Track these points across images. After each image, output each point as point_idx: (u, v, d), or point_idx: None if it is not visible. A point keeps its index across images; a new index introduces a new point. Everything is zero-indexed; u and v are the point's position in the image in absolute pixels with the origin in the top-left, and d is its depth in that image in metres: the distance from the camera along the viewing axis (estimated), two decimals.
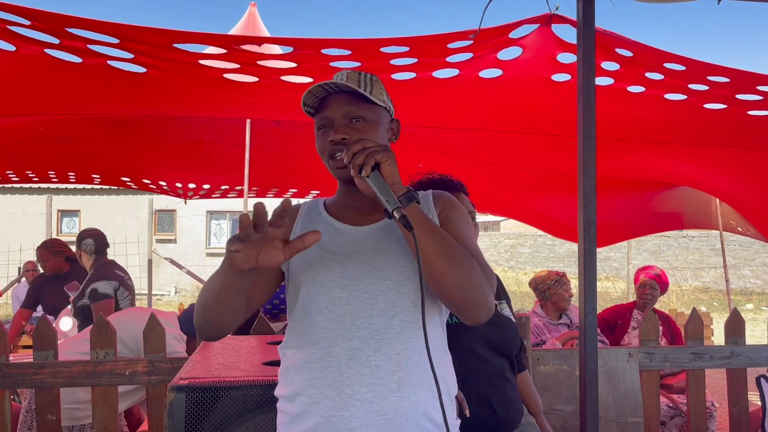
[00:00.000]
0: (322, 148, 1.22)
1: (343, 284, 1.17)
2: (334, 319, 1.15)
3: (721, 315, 10.68)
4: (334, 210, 1.29)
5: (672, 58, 2.23)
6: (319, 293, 1.17)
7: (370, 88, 1.21)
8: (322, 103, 1.22)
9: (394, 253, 1.18)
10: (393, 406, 1.12)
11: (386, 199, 1.05)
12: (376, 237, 1.21)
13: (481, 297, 1.11)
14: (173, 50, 2.25)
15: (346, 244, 1.21)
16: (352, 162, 1.08)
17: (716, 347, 2.83)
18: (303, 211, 1.31)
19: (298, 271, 1.21)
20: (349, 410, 1.11)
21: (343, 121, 1.20)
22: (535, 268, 17.74)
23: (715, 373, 3.76)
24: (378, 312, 1.15)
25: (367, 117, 1.21)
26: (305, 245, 1.03)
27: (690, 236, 17.35)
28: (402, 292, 1.16)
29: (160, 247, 15.60)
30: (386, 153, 1.08)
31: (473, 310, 1.12)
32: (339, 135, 1.18)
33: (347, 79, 1.20)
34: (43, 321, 2.49)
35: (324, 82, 1.18)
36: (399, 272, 1.16)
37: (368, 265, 1.17)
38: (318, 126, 1.24)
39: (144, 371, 2.48)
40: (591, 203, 2.00)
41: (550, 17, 2.13)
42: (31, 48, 2.25)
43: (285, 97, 2.86)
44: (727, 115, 2.72)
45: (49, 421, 2.46)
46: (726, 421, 3.12)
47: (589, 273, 2.02)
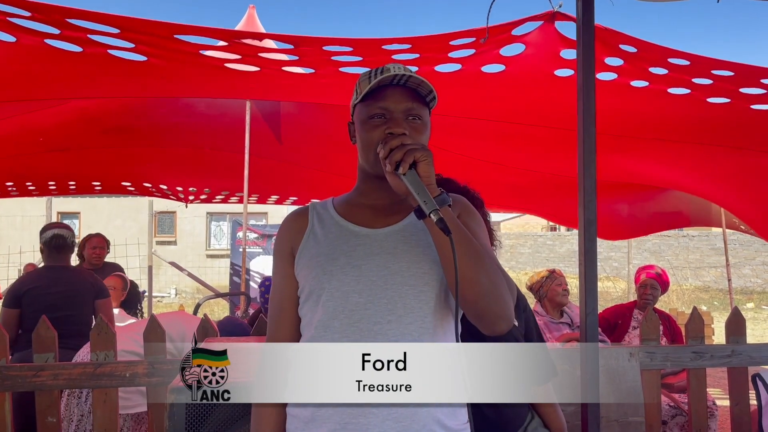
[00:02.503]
0: (374, 140, 1.16)
1: (360, 288, 1.14)
2: (350, 324, 1.13)
3: (722, 314, 10.67)
4: (346, 211, 1.25)
5: (676, 53, 2.23)
6: (335, 298, 1.15)
7: (426, 88, 1.17)
8: (381, 92, 1.17)
9: (413, 258, 1.16)
10: (410, 413, 1.10)
11: (423, 200, 1.03)
12: (393, 240, 1.18)
13: (503, 308, 1.10)
14: (174, 41, 2.25)
15: (361, 247, 1.18)
16: (390, 157, 1.06)
17: (717, 346, 2.83)
18: (313, 218, 1.26)
19: (311, 276, 1.18)
20: (366, 417, 1.09)
21: (402, 116, 1.16)
22: (536, 268, 17.72)
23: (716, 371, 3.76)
24: (396, 318, 1.12)
25: (422, 117, 1.18)
26: None
27: (690, 235, 17.35)
28: (420, 298, 1.14)
29: (161, 249, 15.57)
30: (425, 152, 1.06)
31: (494, 321, 1.11)
32: (401, 129, 1.13)
33: (406, 72, 1.16)
34: (43, 323, 2.48)
35: (393, 71, 1.14)
36: (418, 278, 1.14)
37: (386, 269, 1.15)
38: (370, 115, 1.17)
39: (144, 373, 2.47)
40: (591, 202, 1.99)
41: (554, 14, 2.14)
42: (31, 38, 2.25)
43: (286, 84, 2.86)
44: (731, 109, 2.71)
45: (50, 423, 2.45)
46: (727, 420, 3.11)
47: (590, 272, 2.01)
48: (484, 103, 3.05)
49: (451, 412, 1.15)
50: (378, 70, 1.18)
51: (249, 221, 4.70)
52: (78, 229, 16.53)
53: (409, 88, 1.17)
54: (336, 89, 2.84)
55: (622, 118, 2.98)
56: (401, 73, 1.14)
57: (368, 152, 1.18)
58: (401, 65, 1.18)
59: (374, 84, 1.15)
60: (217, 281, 13.37)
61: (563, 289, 3.69)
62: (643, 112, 2.93)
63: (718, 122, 2.93)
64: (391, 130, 1.14)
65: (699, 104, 2.69)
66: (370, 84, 1.16)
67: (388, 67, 1.18)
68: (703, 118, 2.91)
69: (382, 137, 1.14)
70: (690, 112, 2.82)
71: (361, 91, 1.19)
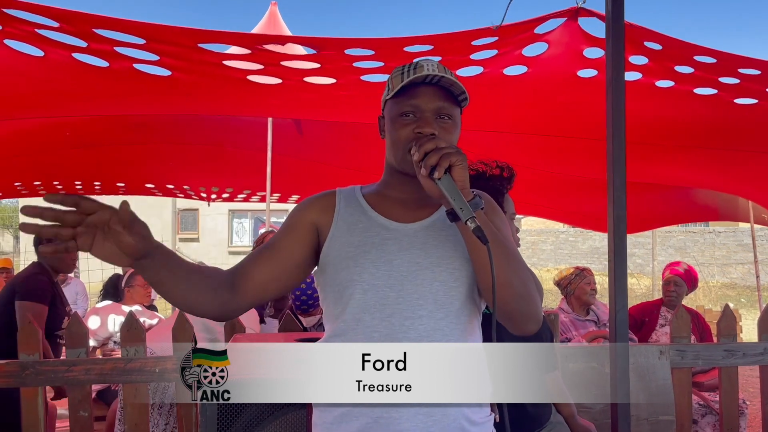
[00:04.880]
0: (403, 137, 1.15)
1: (391, 283, 1.13)
2: (383, 318, 1.12)
3: (749, 311, 10.49)
4: (375, 202, 1.24)
5: (702, 50, 2.19)
6: (366, 291, 1.13)
7: (459, 89, 1.16)
8: (413, 90, 1.15)
9: (445, 253, 1.15)
10: (442, 407, 1.10)
11: (460, 206, 1.02)
12: (425, 235, 1.17)
13: (534, 309, 1.10)
14: (198, 50, 2.27)
15: (392, 242, 1.17)
16: (424, 161, 1.04)
17: (749, 344, 2.78)
18: (341, 202, 1.24)
19: (341, 267, 1.16)
20: (398, 411, 1.09)
21: (432, 115, 1.15)
22: (558, 264, 17.59)
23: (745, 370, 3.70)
24: (427, 313, 1.12)
25: (453, 116, 1.17)
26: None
27: (717, 231, 17.06)
28: (451, 294, 1.14)
29: (184, 246, 15.77)
30: (460, 156, 1.04)
31: (524, 321, 1.11)
32: (430, 129, 1.12)
33: (439, 70, 1.14)
34: (75, 319, 2.52)
35: (426, 70, 1.13)
36: (450, 273, 1.14)
37: (416, 264, 1.14)
38: (400, 112, 1.16)
39: (173, 368, 2.51)
40: (621, 198, 1.97)
41: (577, 11, 2.11)
42: (59, 52, 2.28)
43: (307, 99, 2.87)
44: (758, 111, 2.66)
45: (81, 417, 2.49)
46: (757, 418, 3.06)
47: (620, 270, 1.99)
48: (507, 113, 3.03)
49: (477, 407, 1.17)
50: (411, 67, 1.17)
51: (271, 219, 4.76)
52: None
53: (442, 87, 1.16)
54: (357, 102, 2.84)
55: (647, 124, 2.94)
56: (434, 73, 1.13)
57: (397, 149, 1.17)
58: (434, 62, 1.17)
59: (406, 82, 1.14)
60: None
61: (591, 289, 3.66)
62: (669, 117, 2.89)
63: (746, 125, 2.88)
64: (420, 130, 1.13)
65: (726, 106, 2.64)
66: (402, 81, 1.15)
67: (421, 63, 1.16)
68: (730, 122, 2.85)
69: (411, 136, 1.13)
70: (717, 114, 2.77)
71: (393, 87, 1.18)
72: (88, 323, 3.86)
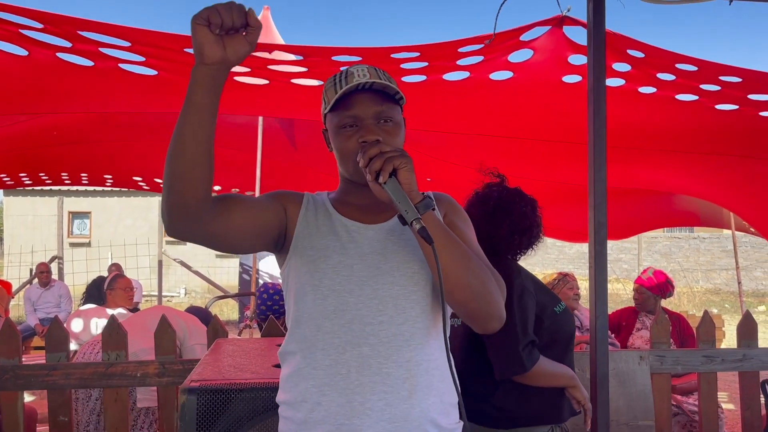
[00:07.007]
0: (350, 149, 1.14)
1: (351, 288, 1.13)
2: (342, 324, 1.12)
3: (733, 317, 10.60)
4: (340, 207, 1.23)
5: (684, 59, 2.22)
6: (327, 296, 1.13)
7: (392, 89, 1.15)
8: (348, 100, 1.15)
9: (403, 257, 1.15)
10: (404, 414, 1.10)
11: (405, 209, 1.02)
12: (384, 239, 1.17)
13: (494, 308, 1.10)
14: (184, 54, 2.26)
15: (353, 245, 1.16)
16: (369, 167, 1.04)
17: (728, 350, 2.81)
18: (308, 202, 1.24)
19: (302, 272, 1.16)
20: (360, 418, 1.09)
21: (373, 121, 1.14)
22: (545, 269, 17.65)
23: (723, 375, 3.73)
24: (388, 318, 1.12)
25: (394, 118, 1.17)
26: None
27: (701, 237, 17.23)
28: (411, 298, 1.13)
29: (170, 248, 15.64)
30: (404, 158, 1.03)
31: (486, 320, 1.11)
32: (374, 136, 1.12)
33: (370, 75, 1.14)
34: (56, 323, 2.50)
35: (357, 79, 1.12)
36: (408, 278, 1.14)
37: (375, 269, 1.14)
38: (341, 124, 1.16)
39: (155, 373, 2.49)
40: (601, 205, 1.99)
41: (562, 19, 2.13)
42: (43, 52, 2.27)
43: (296, 99, 2.87)
44: (739, 117, 2.70)
45: (61, 422, 2.47)
46: (737, 424, 3.09)
47: (600, 275, 2.01)
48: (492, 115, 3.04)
49: (444, 412, 1.16)
50: (342, 76, 1.15)
51: None
52: (89, 229, 16.66)
53: (376, 91, 1.15)
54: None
55: (630, 128, 2.98)
56: (365, 80, 1.12)
57: (346, 162, 1.17)
58: (365, 67, 1.16)
59: (340, 94, 1.13)
60: (226, 281, 13.44)
61: (575, 294, 3.68)
62: (652, 122, 2.92)
63: (727, 130, 2.92)
64: (364, 138, 1.12)
65: (707, 112, 2.68)
66: (336, 93, 1.14)
67: (351, 71, 1.15)
68: (711, 127, 2.90)
69: (357, 146, 1.12)
70: (698, 119, 2.81)
71: (329, 100, 1.17)
72: (71, 326, 3.83)
